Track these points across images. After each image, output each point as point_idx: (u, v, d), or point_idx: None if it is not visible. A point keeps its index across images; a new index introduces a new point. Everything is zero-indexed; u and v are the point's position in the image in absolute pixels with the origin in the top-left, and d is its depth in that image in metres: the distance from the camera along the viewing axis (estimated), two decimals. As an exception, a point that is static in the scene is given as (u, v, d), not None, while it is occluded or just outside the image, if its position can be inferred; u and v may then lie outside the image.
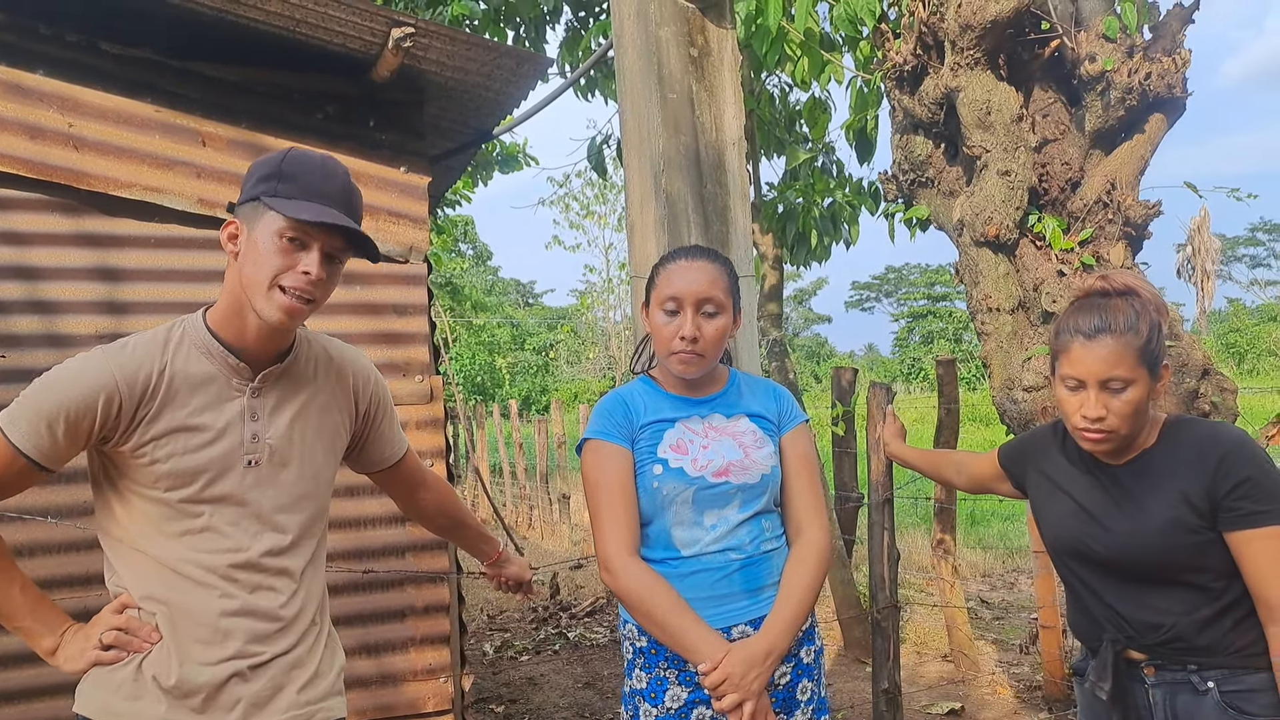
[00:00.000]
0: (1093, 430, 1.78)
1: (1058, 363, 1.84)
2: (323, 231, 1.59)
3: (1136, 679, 1.84)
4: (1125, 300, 1.79)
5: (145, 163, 3.10)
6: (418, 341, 3.40)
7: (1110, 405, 1.75)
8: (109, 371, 1.56)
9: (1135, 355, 1.74)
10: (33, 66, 3.02)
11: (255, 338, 1.64)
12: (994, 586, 7.57)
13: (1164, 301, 1.87)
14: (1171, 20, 3.10)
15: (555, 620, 6.87)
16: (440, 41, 3.15)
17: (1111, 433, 1.77)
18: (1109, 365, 1.74)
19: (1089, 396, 1.77)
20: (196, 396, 1.62)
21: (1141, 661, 1.83)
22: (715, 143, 2.77)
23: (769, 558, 1.96)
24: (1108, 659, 1.84)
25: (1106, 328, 1.76)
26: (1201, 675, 1.76)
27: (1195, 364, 2.86)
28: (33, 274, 3.00)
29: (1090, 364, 1.75)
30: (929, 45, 3.38)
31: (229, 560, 1.63)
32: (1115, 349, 1.74)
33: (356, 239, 1.63)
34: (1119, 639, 1.84)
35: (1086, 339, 1.77)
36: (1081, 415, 1.78)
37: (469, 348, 28.42)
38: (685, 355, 1.92)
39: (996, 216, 3.14)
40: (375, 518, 3.28)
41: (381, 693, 3.26)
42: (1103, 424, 1.76)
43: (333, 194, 1.60)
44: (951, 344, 41.34)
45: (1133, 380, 1.74)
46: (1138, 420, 1.78)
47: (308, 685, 1.70)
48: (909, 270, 52.07)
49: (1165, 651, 1.79)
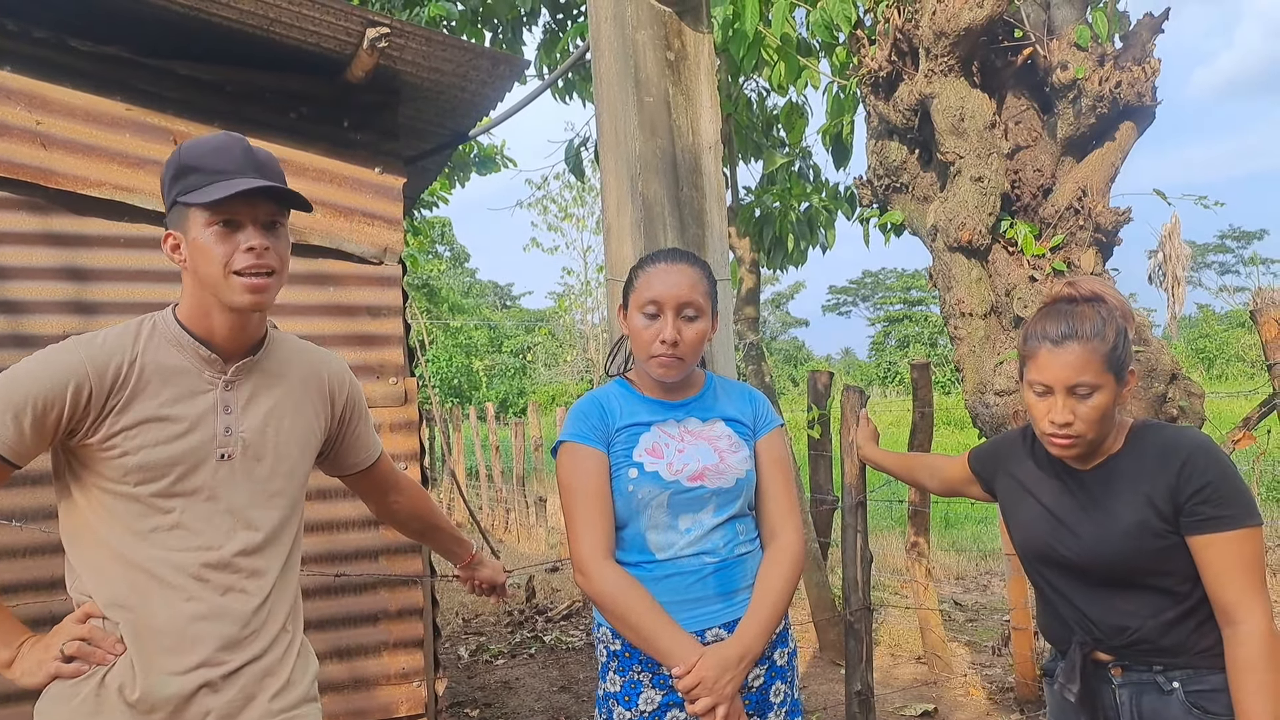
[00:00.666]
0: (1060, 435, 1.80)
1: (1026, 368, 1.85)
2: (245, 203, 1.57)
3: (1104, 680, 1.87)
4: (1092, 307, 1.81)
5: (115, 161, 3.06)
6: (392, 343, 3.37)
7: (1077, 410, 1.77)
8: (80, 360, 1.54)
9: (1101, 361, 1.76)
10: (0, 63, 2.97)
11: (225, 332, 1.63)
12: (967, 589, 7.62)
13: (1130, 308, 1.89)
14: (1142, 30, 3.14)
15: (531, 624, 6.85)
16: (416, 42, 3.14)
17: (1078, 438, 1.79)
18: (1075, 371, 1.76)
19: (1056, 402, 1.79)
20: (168, 388, 1.59)
21: (1109, 662, 1.86)
22: (692, 146, 2.77)
23: (743, 561, 1.96)
24: (1076, 660, 1.86)
25: (1073, 334, 1.77)
26: (1167, 675, 1.78)
27: (1164, 369, 2.90)
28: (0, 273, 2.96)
29: (1057, 370, 1.77)
30: (904, 52, 3.41)
31: (200, 559, 1.59)
32: (1082, 355, 1.76)
33: (279, 195, 1.60)
34: (1086, 641, 1.86)
35: (1054, 345, 1.78)
36: (1049, 420, 1.80)
37: (446, 350, 28.32)
38: (665, 359, 1.92)
39: (970, 222, 3.16)
40: (348, 520, 3.25)
41: (354, 697, 3.23)
42: (1070, 429, 1.78)
43: (236, 165, 1.58)
44: (927, 348, 41.64)
45: (1099, 386, 1.76)
46: (1104, 425, 1.80)
47: (280, 693, 1.67)
48: (885, 275, 52.38)
49: (1131, 653, 1.81)
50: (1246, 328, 28.80)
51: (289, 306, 3.18)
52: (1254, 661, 1.67)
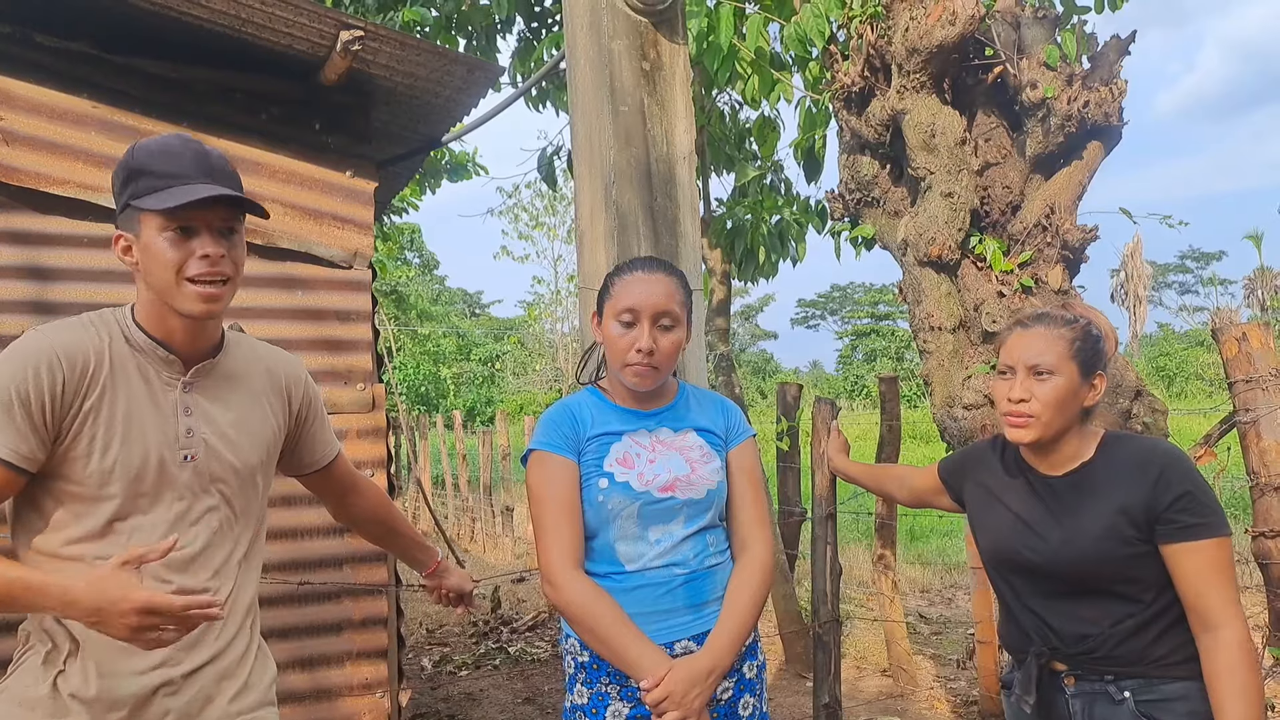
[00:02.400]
0: (1015, 414, 1.85)
1: (998, 358, 1.93)
2: (200, 210, 1.55)
3: (1058, 689, 1.88)
4: (1074, 315, 1.88)
5: (80, 159, 3.01)
6: (360, 349, 3.34)
7: (1035, 390, 1.82)
8: (48, 345, 1.52)
9: (1066, 347, 1.82)
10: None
11: (182, 335, 1.62)
12: (932, 602, 7.67)
13: (1114, 331, 1.96)
14: (1109, 51, 3.19)
15: (496, 635, 6.79)
16: (390, 46, 3.12)
17: (1033, 418, 1.83)
18: (1037, 352, 1.83)
19: (1016, 381, 1.85)
20: (131, 389, 1.58)
21: (1063, 672, 1.87)
22: (666, 156, 2.77)
23: (713, 573, 1.95)
24: (1032, 671, 1.87)
25: (1043, 319, 1.87)
26: (1118, 685, 1.80)
27: (1129, 385, 2.94)
28: (-41, 271, 2.89)
29: (1020, 349, 1.85)
30: (876, 68, 3.44)
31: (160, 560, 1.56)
32: (1045, 337, 1.84)
33: (236, 201, 1.59)
34: (1044, 651, 1.87)
35: (1022, 329, 1.88)
36: (1007, 398, 1.86)
37: (414, 357, 28.14)
38: (640, 368, 1.91)
39: (939, 237, 3.19)
40: (312, 528, 3.21)
41: (317, 708, 3.18)
42: (1025, 406, 1.83)
43: (189, 169, 1.56)
44: (894, 362, 41.97)
45: (1058, 371, 1.81)
46: (1061, 414, 1.83)
47: (238, 695, 1.66)
48: (854, 289, 52.80)
49: (1086, 661, 1.83)
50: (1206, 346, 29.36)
51: (256, 309, 3.14)
52: (1235, 666, 1.69)
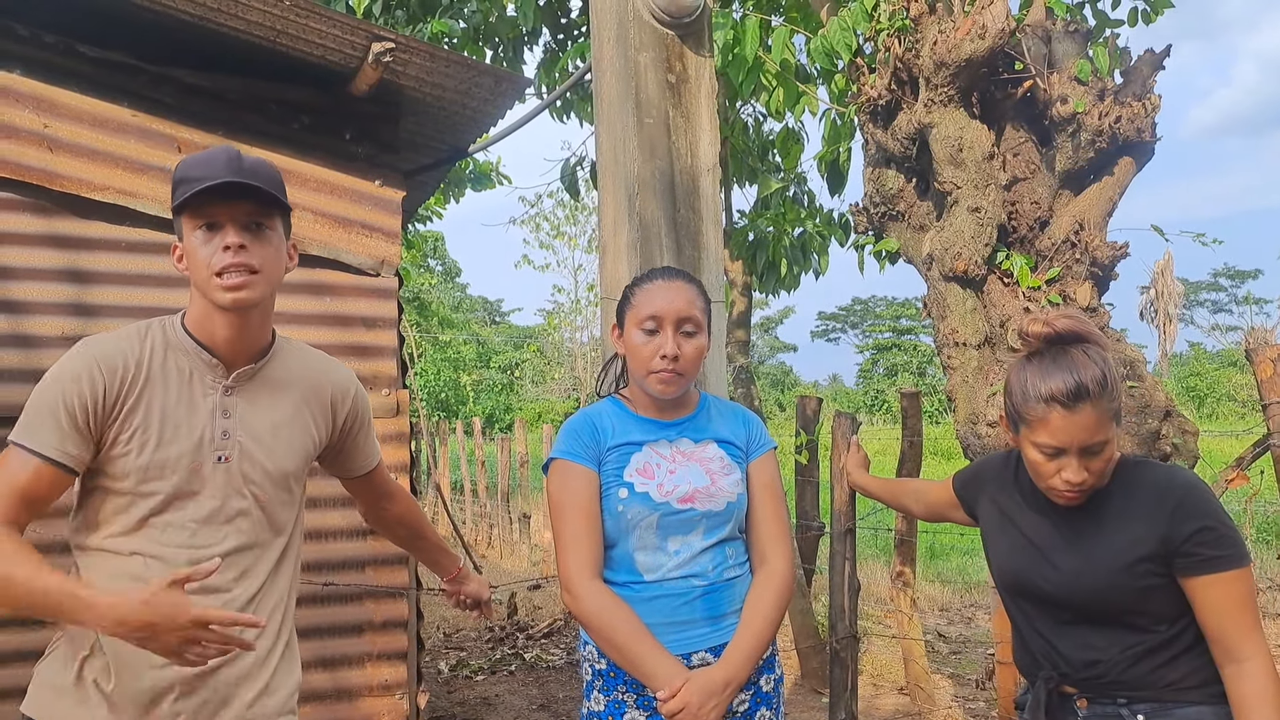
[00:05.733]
0: (1071, 492, 1.76)
1: (1029, 429, 1.76)
2: (224, 205, 1.60)
3: (1070, 712, 1.86)
4: (1083, 352, 1.74)
5: (119, 166, 3.08)
6: (386, 355, 3.38)
7: (1091, 466, 1.73)
8: (89, 356, 1.60)
9: (1112, 416, 1.72)
10: (9, 66, 2.99)
11: (225, 335, 1.67)
12: (951, 621, 7.61)
13: (1104, 337, 1.85)
14: (1142, 65, 3.17)
15: (512, 640, 6.81)
16: (420, 57, 3.16)
17: (1090, 490, 1.77)
18: (1090, 433, 1.70)
19: (1071, 462, 1.73)
20: (171, 391, 1.64)
21: (1074, 695, 1.85)
22: (690, 168, 2.79)
23: (732, 585, 1.95)
24: (1041, 697, 1.85)
25: (1086, 394, 1.69)
26: (1131, 709, 1.77)
27: (1158, 405, 2.90)
28: (2, 273, 2.97)
29: (1073, 433, 1.70)
30: (903, 81, 3.44)
31: (189, 557, 1.62)
32: (1095, 417, 1.69)
33: (258, 195, 1.62)
34: (1053, 676, 1.85)
35: (1066, 410, 1.70)
36: (1064, 480, 1.74)
37: (434, 363, 28.24)
38: (665, 374, 1.91)
39: (965, 252, 3.18)
40: (337, 530, 3.25)
41: (337, 707, 3.21)
42: (1084, 485, 1.75)
43: (217, 171, 1.60)
44: (915, 377, 41.70)
45: (1110, 439, 1.73)
46: (1109, 469, 1.79)
47: (258, 700, 1.68)
48: (875, 303, 52.53)
49: (1096, 685, 1.80)
50: (1239, 367, 28.97)
51: (286, 315, 3.18)
52: (1264, 696, 1.66)
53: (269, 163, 1.69)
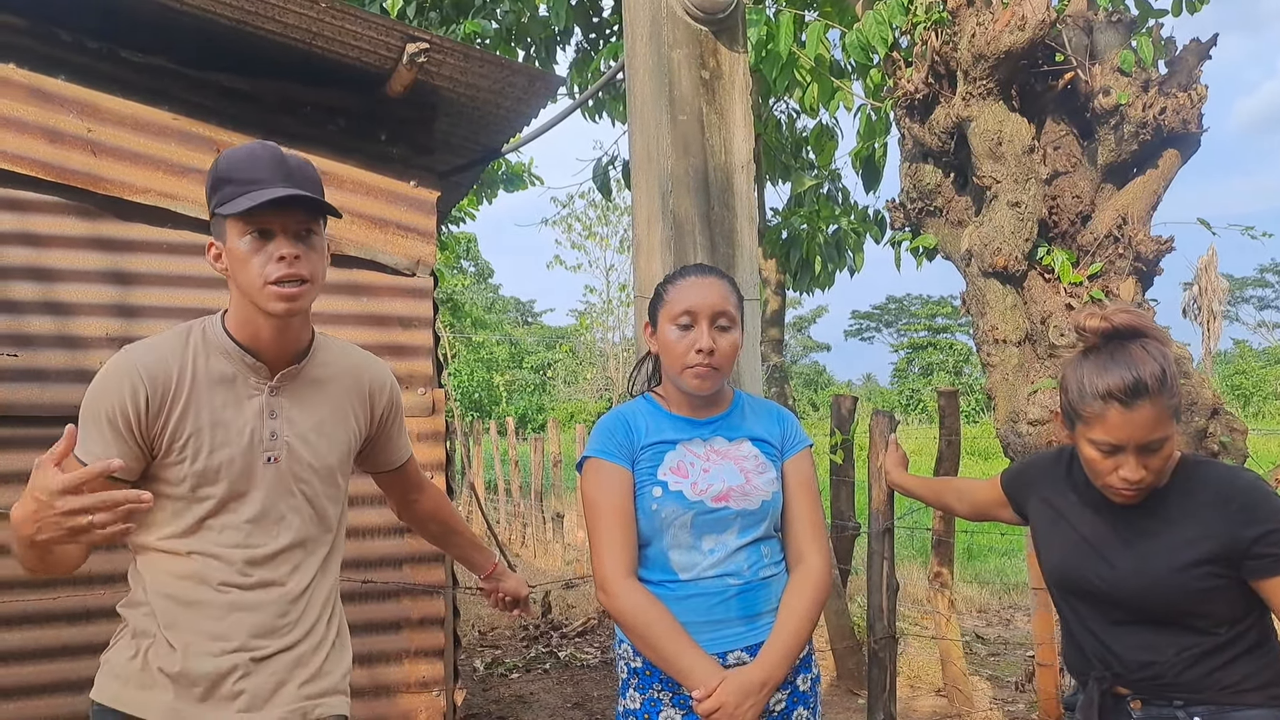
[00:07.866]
0: (1129, 491, 1.73)
1: (1086, 425, 1.73)
2: (276, 212, 1.61)
3: (1123, 713, 1.82)
4: (1142, 348, 1.71)
5: (161, 169, 3.12)
6: (421, 354, 3.40)
7: (1149, 464, 1.70)
8: (132, 365, 1.62)
9: (1172, 413, 1.69)
10: (53, 71, 3.04)
11: (269, 337, 1.69)
12: (989, 622, 7.51)
13: (1164, 331, 1.81)
14: (1188, 55, 3.11)
15: (546, 639, 6.83)
16: (454, 58, 3.17)
17: (1148, 488, 1.74)
18: (1149, 430, 1.67)
19: (1129, 460, 1.70)
20: (217, 395, 1.67)
21: (1128, 696, 1.81)
22: (724, 165, 2.77)
23: (767, 584, 1.94)
24: (1094, 697, 1.82)
25: (1145, 391, 1.66)
26: (1187, 711, 1.74)
27: (1205, 403, 2.85)
28: (47, 275, 3.03)
29: (1132, 431, 1.67)
30: (941, 74, 3.40)
31: (245, 555, 1.67)
32: (1154, 414, 1.66)
33: (309, 203, 1.63)
34: (1105, 676, 1.82)
35: (1125, 407, 1.67)
36: (1120, 477, 1.72)
37: (467, 364, 28.44)
38: (701, 369, 1.90)
39: (1005, 247, 3.14)
40: (375, 528, 3.28)
41: (375, 704, 3.24)
42: (1142, 483, 1.72)
43: (267, 174, 1.62)
44: (951, 376, 41.24)
45: (1169, 436, 1.70)
46: (1169, 466, 1.76)
47: (310, 681, 1.74)
48: (910, 301, 52.01)
49: (1151, 687, 1.77)
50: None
51: (323, 315, 3.21)
52: None
53: (309, 162, 1.71)
